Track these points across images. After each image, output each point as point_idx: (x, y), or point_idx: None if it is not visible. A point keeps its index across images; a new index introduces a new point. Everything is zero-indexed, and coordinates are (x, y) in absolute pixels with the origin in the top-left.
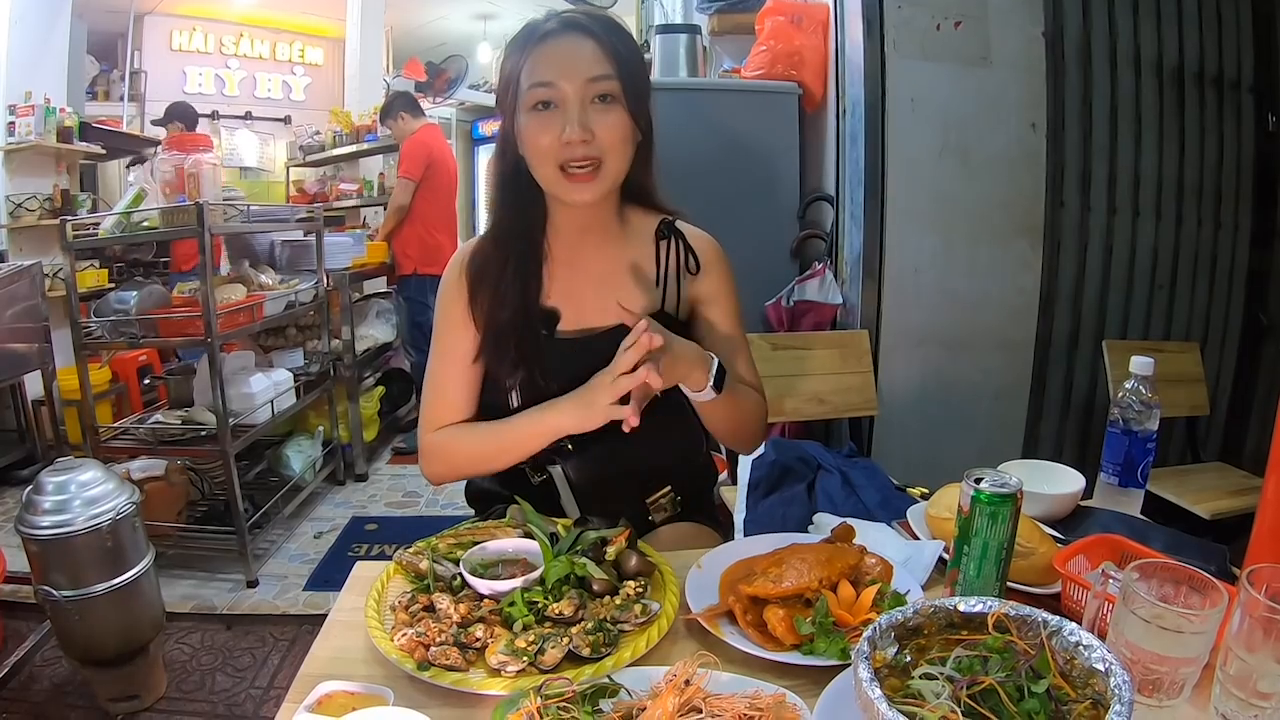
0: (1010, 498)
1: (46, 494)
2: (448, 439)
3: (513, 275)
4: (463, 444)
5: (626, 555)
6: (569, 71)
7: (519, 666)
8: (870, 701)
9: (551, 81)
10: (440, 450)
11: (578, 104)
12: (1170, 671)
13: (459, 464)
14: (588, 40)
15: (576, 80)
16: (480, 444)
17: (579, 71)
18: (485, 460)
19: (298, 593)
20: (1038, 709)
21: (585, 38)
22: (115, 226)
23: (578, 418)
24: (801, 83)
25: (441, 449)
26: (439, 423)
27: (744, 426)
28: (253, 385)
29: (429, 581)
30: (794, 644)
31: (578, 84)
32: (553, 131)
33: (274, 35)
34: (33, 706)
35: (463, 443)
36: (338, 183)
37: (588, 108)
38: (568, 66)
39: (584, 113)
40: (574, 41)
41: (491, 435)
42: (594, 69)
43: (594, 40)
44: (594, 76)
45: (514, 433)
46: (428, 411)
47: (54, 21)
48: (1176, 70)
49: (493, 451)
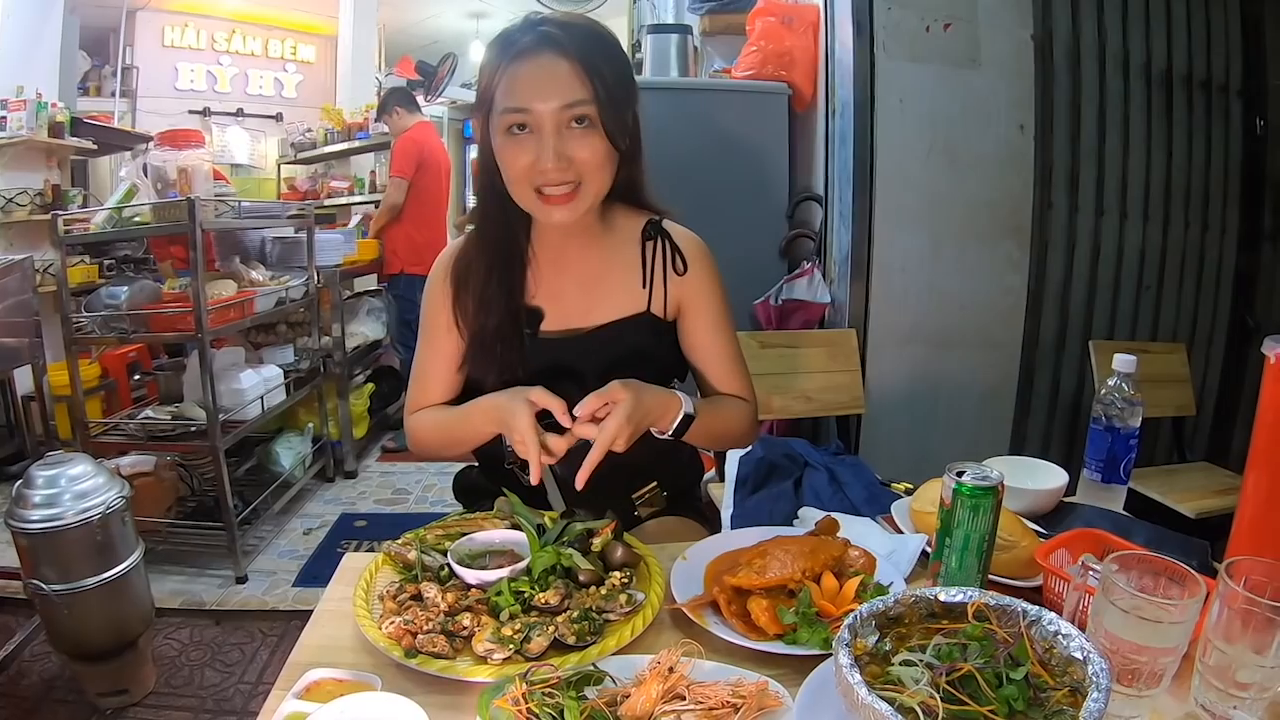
0: (991, 490)
1: (37, 488)
2: (420, 422)
3: (496, 279)
4: (431, 427)
5: (612, 547)
6: (544, 95)
7: (505, 654)
8: (850, 687)
9: (526, 106)
10: (415, 432)
11: (553, 130)
12: (1149, 661)
13: (433, 444)
14: (562, 60)
15: (551, 104)
16: (442, 427)
17: (554, 96)
18: (451, 443)
19: (287, 588)
20: (1016, 695)
21: (560, 58)
22: (107, 222)
23: (498, 426)
24: (791, 83)
25: (416, 431)
26: (417, 407)
27: (727, 438)
28: (243, 381)
29: (417, 572)
30: (777, 634)
31: (553, 108)
32: (528, 155)
33: (266, 32)
34: (22, 701)
35: (430, 426)
36: (329, 180)
37: (564, 132)
38: (543, 91)
39: (560, 139)
40: (549, 62)
41: (449, 418)
42: (569, 94)
43: (568, 60)
44: (569, 102)
45: (461, 421)
46: (410, 395)
47: (46, 16)
48: (1165, 73)
49: (453, 436)
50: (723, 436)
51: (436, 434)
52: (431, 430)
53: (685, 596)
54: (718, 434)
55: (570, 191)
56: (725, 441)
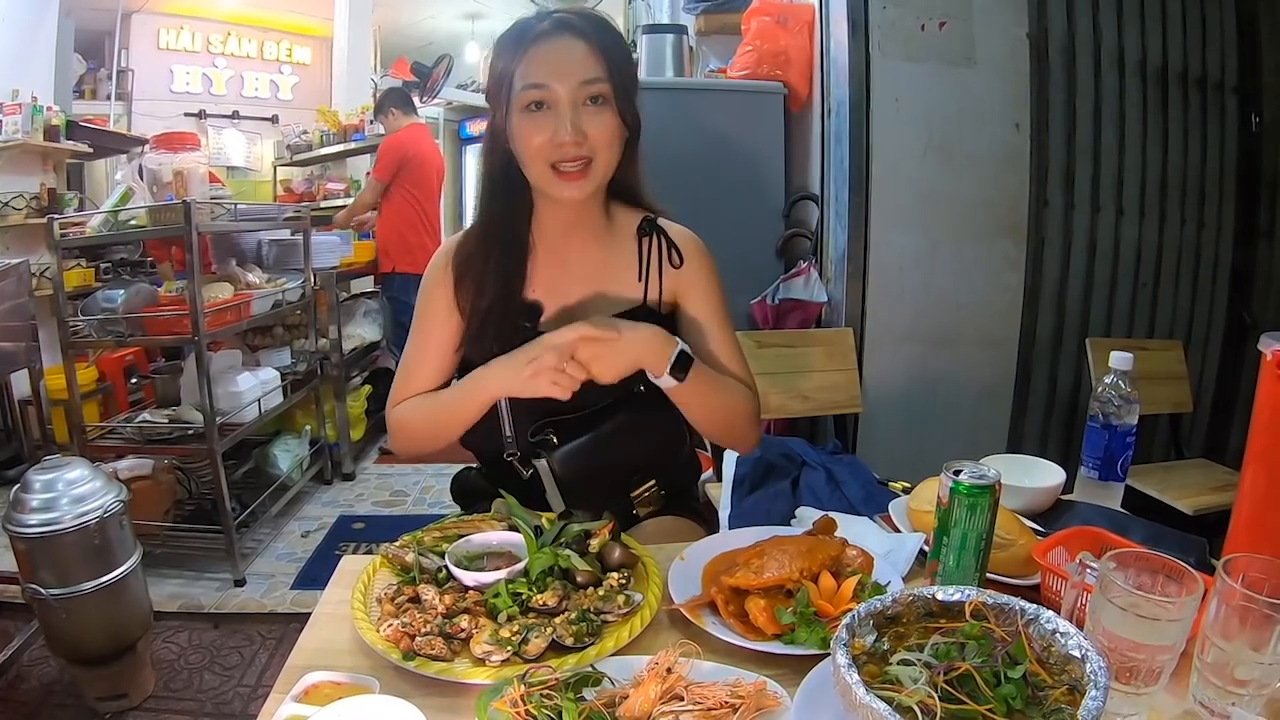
0: (989, 489)
1: (34, 492)
2: (404, 412)
3: (497, 267)
4: (416, 415)
5: (610, 548)
6: (562, 74)
7: (503, 656)
8: (849, 687)
9: (545, 83)
10: (399, 423)
11: (570, 106)
12: (1147, 659)
13: (418, 434)
14: (580, 42)
15: (569, 82)
16: (429, 412)
17: (572, 74)
18: (437, 428)
19: (285, 591)
20: (1014, 694)
21: (577, 39)
22: (103, 225)
23: (504, 382)
24: (787, 82)
25: (400, 422)
26: (402, 398)
27: (731, 421)
28: (240, 384)
29: (415, 574)
30: (775, 634)
31: (570, 86)
32: (545, 131)
33: (262, 34)
34: (21, 706)
35: (416, 414)
36: (325, 182)
37: (580, 109)
38: (561, 69)
39: (576, 114)
40: (567, 43)
41: (436, 403)
42: (586, 71)
43: (585, 42)
44: (586, 79)
45: (453, 399)
46: (395, 389)
47: (42, 19)
48: (1160, 71)
49: (441, 420)
50: (729, 416)
51: (424, 418)
52: (418, 415)
53: (683, 597)
54: (720, 405)
55: (582, 169)
56: (731, 424)
